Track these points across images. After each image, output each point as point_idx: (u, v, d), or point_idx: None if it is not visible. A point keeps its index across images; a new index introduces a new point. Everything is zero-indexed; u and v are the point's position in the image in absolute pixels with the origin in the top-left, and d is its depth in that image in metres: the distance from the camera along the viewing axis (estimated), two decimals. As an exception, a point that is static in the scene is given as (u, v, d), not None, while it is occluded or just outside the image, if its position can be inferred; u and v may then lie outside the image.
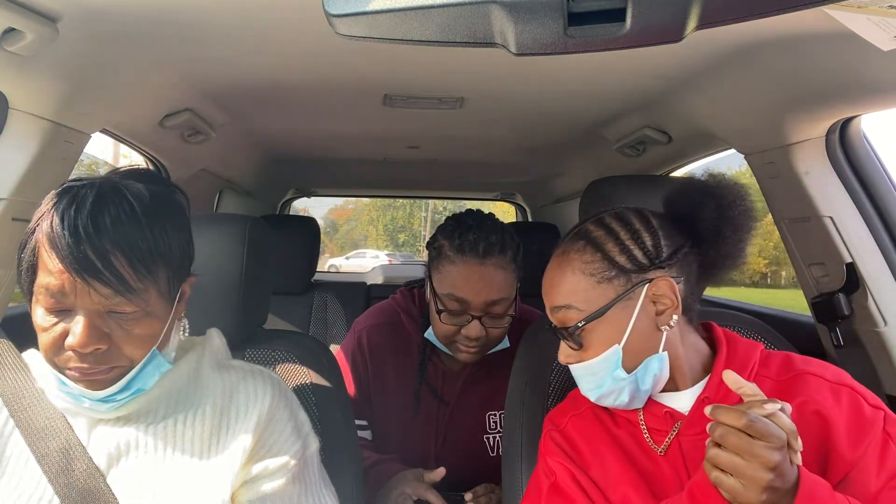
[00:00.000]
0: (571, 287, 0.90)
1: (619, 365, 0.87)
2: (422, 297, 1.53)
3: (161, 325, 0.82)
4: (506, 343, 1.40)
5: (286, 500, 0.87)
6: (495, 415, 1.47)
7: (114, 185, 0.80)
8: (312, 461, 0.94)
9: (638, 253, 0.89)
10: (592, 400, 0.92)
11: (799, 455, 0.72)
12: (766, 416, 0.70)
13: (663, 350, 0.88)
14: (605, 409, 0.96)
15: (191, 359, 0.91)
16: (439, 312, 1.34)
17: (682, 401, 0.91)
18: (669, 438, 0.89)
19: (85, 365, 0.77)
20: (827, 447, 0.82)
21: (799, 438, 0.72)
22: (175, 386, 0.88)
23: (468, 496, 1.33)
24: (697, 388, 0.91)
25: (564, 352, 0.92)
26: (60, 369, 0.79)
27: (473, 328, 1.31)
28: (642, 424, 0.92)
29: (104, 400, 0.81)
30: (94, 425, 0.85)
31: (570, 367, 0.92)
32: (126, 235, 0.77)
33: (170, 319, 0.84)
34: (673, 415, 0.90)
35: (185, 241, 0.86)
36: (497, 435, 1.47)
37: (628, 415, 0.94)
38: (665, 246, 0.90)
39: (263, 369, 0.96)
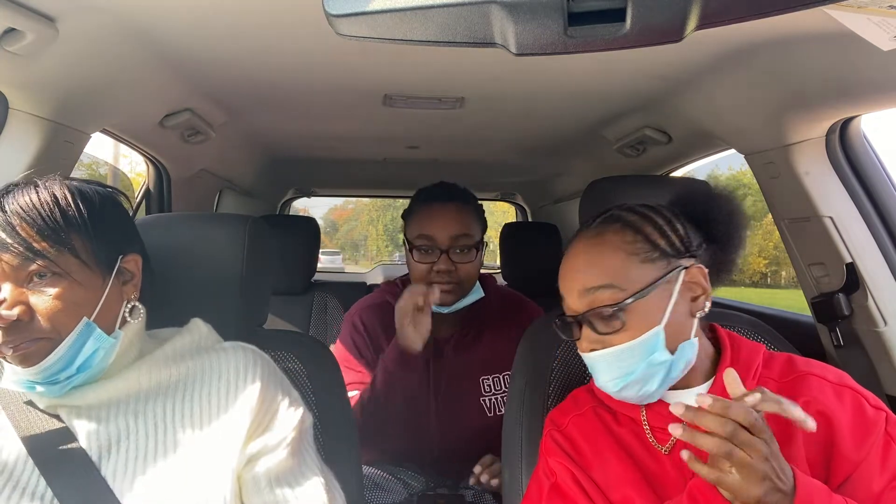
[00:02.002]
0: (613, 266, 0.88)
1: (658, 347, 0.85)
2: (405, 280, 1.63)
3: (86, 293, 0.83)
4: (480, 293, 1.52)
5: (285, 475, 0.87)
6: (489, 378, 1.55)
7: (29, 179, 0.85)
8: (308, 436, 0.94)
9: (674, 238, 0.90)
10: (613, 391, 0.88)
11: (811, 422, 0.73)
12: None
13: (694, 337, 0.88)
14: (607, 408, 0.96)
15: (173, 344, 0.92)
16: (412, 251, 1.49)
17: (685, 400, 0.90)
18: (675, 437, 0.89)
19: (10, 338, 0.78)
20: (831, 447, 0.83)
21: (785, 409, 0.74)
22: (156, 371, 0.89)
23: (476, 468, 1.39)
24: (702, 389, 0.91)
25: (589, 338, 0.88)
26: (3, 356, 0.81)
27: (443, 262, 1.45)
28: (645, 423, 0.92)
29: (51, 380, 0.81)
30: (81, 416, 0.85)
31: (593, 355, 0.88)
32: (28, 209, 0.81)
33: (105, 294, 0.84)
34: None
35: (114, 221, 0.89)
36: (492, 397, 1.54)
37: (631, 413, 0.93)
38: (693, 236, 0.91)
39: (248, 345, 0.96)
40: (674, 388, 0.91)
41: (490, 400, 1.53)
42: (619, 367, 0.87)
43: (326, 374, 1.13)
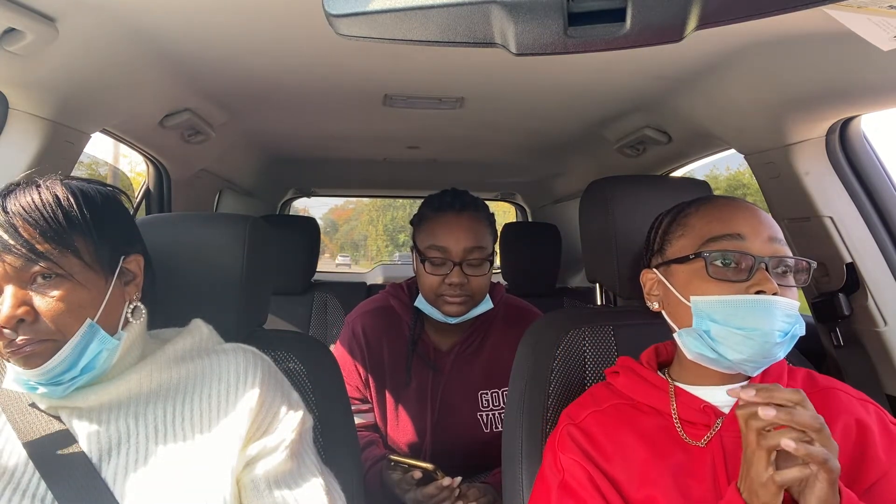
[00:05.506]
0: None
1: (801, 322, 0.87)
2: (411, 284, 1.62)
3: (90, 295, 0.82)
4: (489, 304, 1.50)
5: (284, 477, 0.87)
6: (487, 393, 1.53)
7: (30, 179, 0.85)
8: (308, 438, 0.94)
9: None
10: (774, 341, 0.83)
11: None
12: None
13: None
14: (630, 402, 0.95)
15: (174, 346, 0.92)
16: (423, 263, 1.46)
17: (718, 396, 0.90)
18: (712, 433, 0.88)
19: (14, 339, 0.78)
20: (864, 451, 0.85)
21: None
22: (157, 373, 0.89)
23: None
24: (729, 388, 0.91)
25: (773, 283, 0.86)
26: (5, 358, 0.80)
27: (455, 274, 1.43)
28: (675, 416, 0.91)
29: (54, 381, 0.81)
30: (82, 418, 0.85)
31: (780, 298, 0.85)
32: (30, 210, 0.80)
33: (107, 295, 0.84)
34: (714, 410, 0.89)
35: (115, 221, 0.89)
36: (490, 413, 1.52)
37: (659, 405, 0.93)
38: None
39: (248, 347, 0.95)
40: (703, 382, 0.92)
41: (487, 415, 1.52)
42: (786, 321, 0.84)
43: (326, 375, 1.13)
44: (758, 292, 0.84)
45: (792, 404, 0.72)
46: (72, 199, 0.83)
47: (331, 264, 17.13)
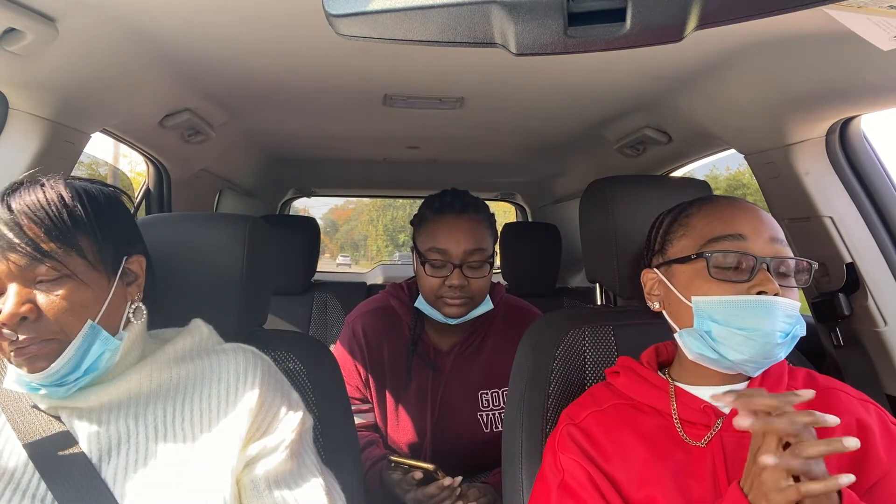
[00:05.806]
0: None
1: (802, 322, 0.87)
2: (411, 284, 1.62)
3: (92, 294, 0.83)
4: (489, 304, 1.50)
5: (284, 477, 0.87)
6: (487, 393, 1.53)
7: (33, 178, 0.85)
8: (308, 438, 0.94)
9: None
10: (775, 342, 0.83)
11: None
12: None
13: None
14: (630, 403, 0.95)
15: (174, 346, 0.92)
16: (423, 265, 1.46)
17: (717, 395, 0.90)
18: (712, 434, 0.88)
19: (17, 338, 0.78)
20: (865, 451, 0.84)
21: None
22: (157, 373, 0.89)
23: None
24: (724, 389, 0.90)
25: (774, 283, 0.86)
26: (8, 358, 0.80)
27: (455, 276, 1.43)
28: (675, 416, 0.91)
29: (58, 383, 0.81)
30: (82, 418, 0.85)
31: (783, 299, 0.84)
32: (35, 208, 0.80)
33: (110, 295, 0.84)
34: (714, 411, 0.89)
35: (118, 221, 0.89)
36: (490, 412, 1.53)
37: (659, 405, 0.92)
38: None
39: (248, 347, 0.95)
40: (702, 382, 0.92)
41: (487, 415, 1.52)
42: (787, 321, 0.84)
43: (326, 375, 1.13)
44: (759, 293, 0.84)
45: (772, 410, 0.71)
46: (76, 199, 0.83)
47: (331, 264, 17.13)
